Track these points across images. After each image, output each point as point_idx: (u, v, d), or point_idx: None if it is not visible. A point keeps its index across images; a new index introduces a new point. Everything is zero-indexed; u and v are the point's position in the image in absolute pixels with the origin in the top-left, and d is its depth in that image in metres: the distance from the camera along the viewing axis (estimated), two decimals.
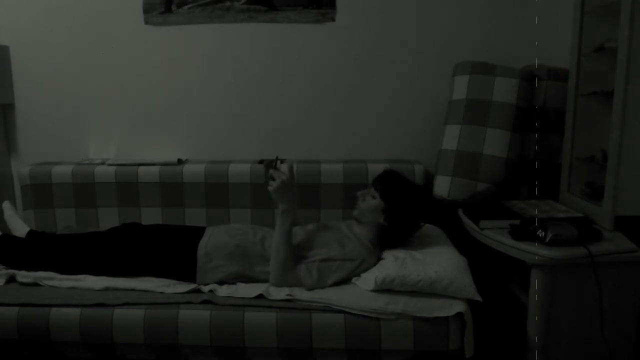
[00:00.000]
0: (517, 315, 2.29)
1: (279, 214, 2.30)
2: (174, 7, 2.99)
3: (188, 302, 2.15)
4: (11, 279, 2.33)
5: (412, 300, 2.08)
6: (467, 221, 2.50)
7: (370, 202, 2.38)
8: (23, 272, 2.35)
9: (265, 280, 2.27)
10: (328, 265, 2.24)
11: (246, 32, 3.01)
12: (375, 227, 2.38)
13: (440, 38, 2.97)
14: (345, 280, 2.25)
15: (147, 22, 3.02)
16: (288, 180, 2.29)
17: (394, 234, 2.37)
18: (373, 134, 3.07)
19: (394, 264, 2.18)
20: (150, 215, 2.93)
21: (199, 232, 2.47)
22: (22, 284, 2.30)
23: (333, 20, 2.97)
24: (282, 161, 2.57)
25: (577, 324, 2.11)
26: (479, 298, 2.05)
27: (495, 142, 2.60)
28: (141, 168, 2.92)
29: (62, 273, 2.35)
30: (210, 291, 2.22)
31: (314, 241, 2.36)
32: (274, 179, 2.28)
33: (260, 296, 2.16)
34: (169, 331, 2.11)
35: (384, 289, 2.10)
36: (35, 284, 2.29)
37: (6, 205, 2.73)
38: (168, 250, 2.37)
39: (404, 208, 2.34)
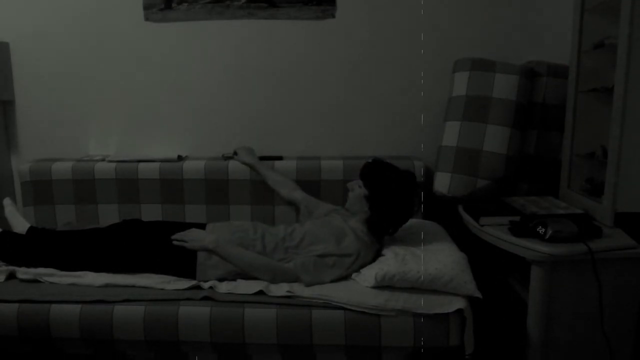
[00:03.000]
0: (517, 312, 2.29)
1: (214, 250, 2.33)
2: (174, 4, 2.98)
3: (188, 299, 2.16)
4: (11, 276, 2.33)
5: (412, 297, 2.08)
6: (467, 218, 2.50)
7: (357, 191, 2.40)
8: (23, 269, 2.35)
9: None
10: (324, 261, 2.25)
11: (246, 28, 3.00)
12: (364, 217, 2.40)
13: (440, 34, 2.97)
14: (345, 277, 2.26)
15: (147, 19, 3.02)
16: (191, 233, 2.39)
17: (381, 221, 2.37)
18: (373, 130, 3.07)
19: (394, 260, 2.18)
20: (150, 212, 2.93)
21: (199, 228, 2.47)
22: (22, 280, 2.31)
23: (333, 17, 2.97)
24: (235, 154, 2.92)
25: (577, 321, 2.11)
26: (479, 295, 2.05)
27: (495, 139, 2.60)
28: (141, 164, 2.91)
29: (62, 269, 2.35)
30: (210, 287, 2.22)
31: (311, 237, 2.36)
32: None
33: (260, 292, 2.17)
34: (169, 328, 2.11)
35: (384, 285, 2.11)
36: (35, 281, 2.29)
37: (7, 201, 2.72)
38: (168, 246, 2.36)
39: (387, 194, 2.34)
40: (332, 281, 2.22)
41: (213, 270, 2.29)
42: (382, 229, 2.39)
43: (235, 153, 2.92)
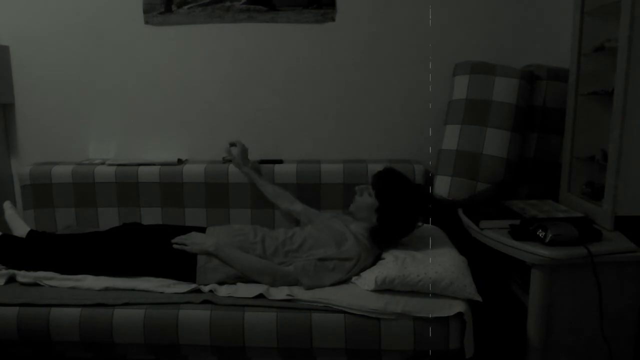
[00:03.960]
0: (517, 316, 2.29)
1: (214, 253, 2.33)
2: (174, 7, 2.99)
3: (188, 302, 2.15)
4: (11, 279, 2.33)
5: (412, 301, 2.08)
6: (467, 221, 2.50)
7: (366, 199, 2.40)
8: (23, 272, 2.35)
9: None
10: (325, 265, 2.25)
11: (246, 32, 3.01)
12: (368, 225, 2.39)
13: (440, 38, 2.97)
14: (345, 280, 2.26)
15: (147, 22, 3.02)
16: (191, 237, 2.40)
17: (386, 234, 2.37)
18: (373, 133, 3.07)
19: (394, 264, 2.18)
20: (150, 215, 2.93)
21: (199, 232, 2.47)
22: (22, 284, 2.30)
23: (333, 20, 2.98)
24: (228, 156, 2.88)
25: (577, 324, 2.11)
26: (479, 298, 2.05)
27: (495, 142, 2.60)
28: (141, 168, 2.91)
29: (62, 273, 2.34)
30: (210, 291, 2.22)
31: (312, 241, 2.36)
32: None
33: (261, 296, 2.16)
34: (169, 331, 2.11)
35: (384, 289, 2.11)
36: (35, 284, 2.29)
37: (7, 205, 2.73)
38: (168, 250, 2.36)
39: (397, 211, 2.35)
40: (332, 284, 2.22)
41: (213, 274, 2.29)
42: (384, 240, 2.39)
43: (228, 156, 2.86)
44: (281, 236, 2.42)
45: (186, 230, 2.50)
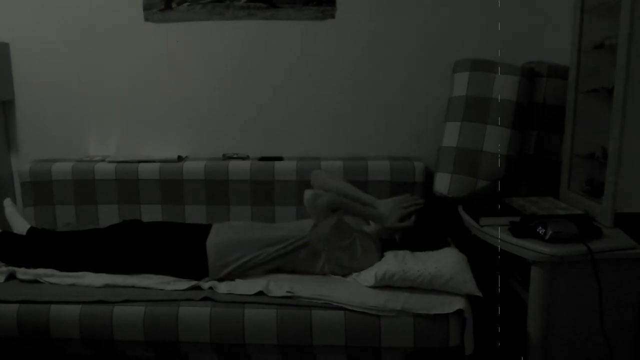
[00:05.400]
0: (517, 313, 2.29)
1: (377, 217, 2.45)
2: (173, 4, 2.99)
3: (188, 299, 2.16)
4: (11, 276, 2.34)
5: (412, 297, 2.08)
6: (467, 218, 2.50)
7: (405, 223, 2.42)
8: (23, 269, 2.35)
9: (273, 263, 2.35)
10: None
11: (246, 29, 3.00)
12: (383, 235, 2.47)
13: (440, 35, 2.97)
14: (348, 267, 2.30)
15: (147, 19, 3.02)
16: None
17: (397, 247, 2.40)
18: (373, 131, 3.07)
19: (394, 259, 2.19)
20: (150, 212, 2.93)
21: (201, 229, 2.46)
22: (22, 281, 2.31)
23: (333, 17, 2.97)
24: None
25: (577, 321, 2.11)
26: (479, 293, 2.05)
27: (495, 139, 2.60)
28: (141, 165, 2.92)
29: (62, 270, 2.35)
30: (210, 288, 2.22)
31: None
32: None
33: (260, 293, 2.17)
34: (168, 328, 2.11)
35: (384, 284, 2.11)
36: (35, 281, 2.30)
37: (7, 202, 2.73)
38: (171, 247, 2.37)
39: (422, 242, 2.40)
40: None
41: (223, 269, 2.31)
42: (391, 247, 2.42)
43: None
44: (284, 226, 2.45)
45: (186, 227, 2.50)
